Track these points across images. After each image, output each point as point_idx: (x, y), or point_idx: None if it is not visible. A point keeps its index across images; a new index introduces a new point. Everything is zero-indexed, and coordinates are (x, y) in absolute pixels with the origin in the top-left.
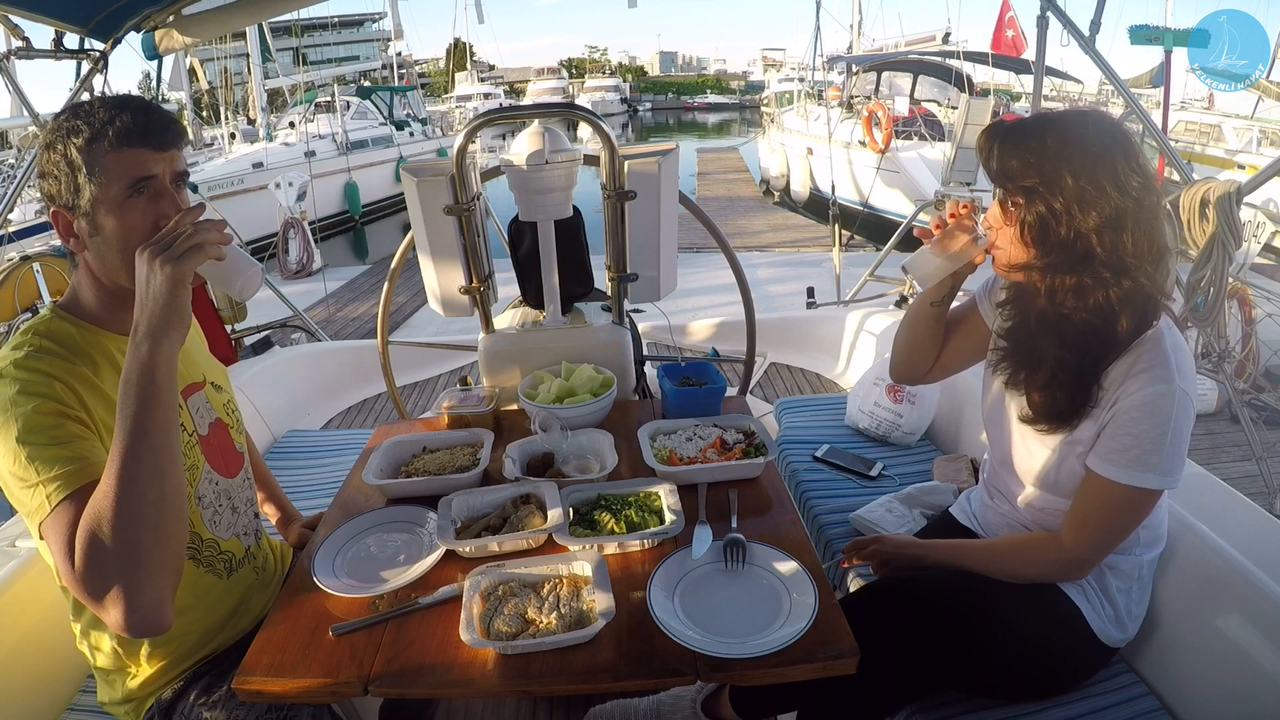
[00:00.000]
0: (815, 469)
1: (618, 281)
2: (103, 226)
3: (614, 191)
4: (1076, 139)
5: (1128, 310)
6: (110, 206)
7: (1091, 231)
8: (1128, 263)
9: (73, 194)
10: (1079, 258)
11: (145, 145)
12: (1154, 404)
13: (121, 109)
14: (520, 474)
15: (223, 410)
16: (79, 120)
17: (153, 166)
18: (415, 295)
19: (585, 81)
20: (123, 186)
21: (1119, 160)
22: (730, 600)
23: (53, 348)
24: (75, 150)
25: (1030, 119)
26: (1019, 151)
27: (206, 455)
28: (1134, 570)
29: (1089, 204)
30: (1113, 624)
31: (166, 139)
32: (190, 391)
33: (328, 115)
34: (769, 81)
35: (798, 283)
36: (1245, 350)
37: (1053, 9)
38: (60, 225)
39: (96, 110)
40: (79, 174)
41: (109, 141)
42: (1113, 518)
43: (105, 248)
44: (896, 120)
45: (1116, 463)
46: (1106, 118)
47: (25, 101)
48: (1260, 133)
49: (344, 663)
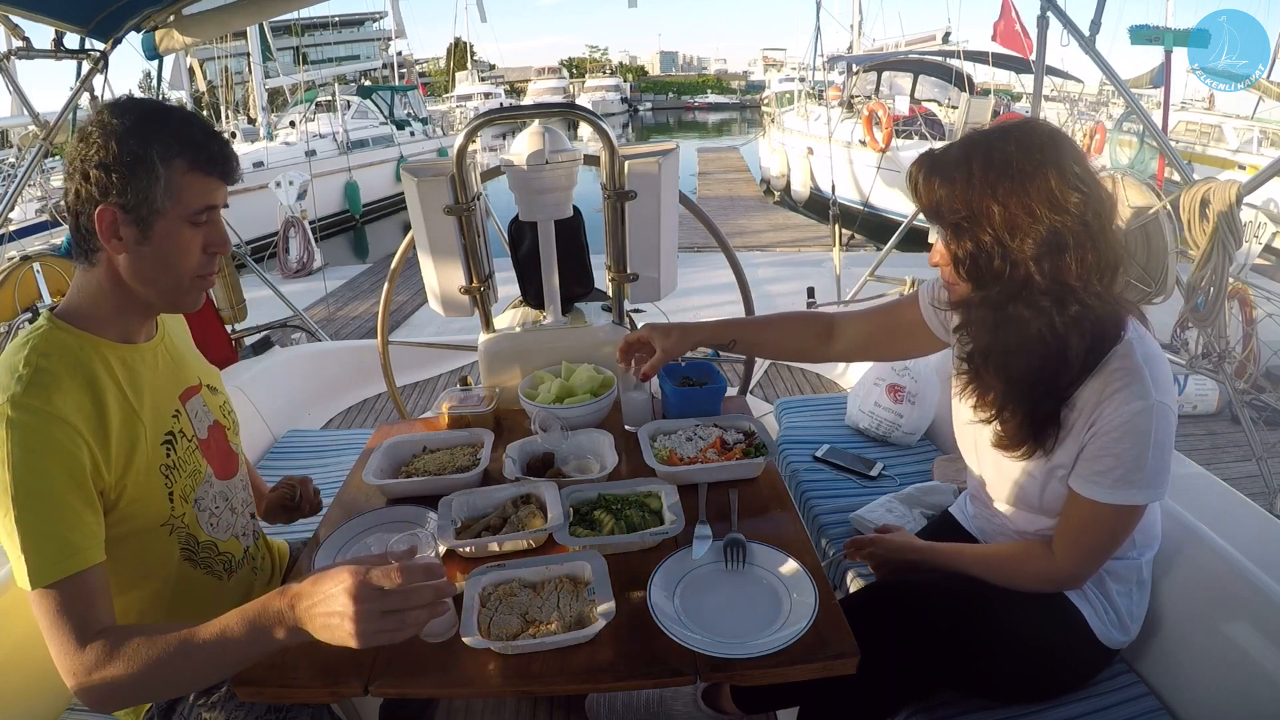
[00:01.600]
0: (815, 469)
1: (618, 281)
2: (156, 239)
3: (614, 191)
4: (1001, 162)
5: (1075, 335)
6: (173, 224)
7: (1028, 260)
8: (1072, 285)
9: (139, 197)
10: (1017, 288)
11: (222, 176)
12: (1132, 423)
13: (210, 135)
14: (520, 474)
15: (219, 412)
16: (166, 129)
17: (220, 197)
18: (415, 295)
19: (585, 81)
20: (193, 210)
21: (1052, 177)
22: (730, 600)
23: (52, 371)
24: (156, 158)
25: (956, 146)
26: (944, 185)
27: (209, 460)
28: (1132, 573)
29: (1021, 232)
30: (1115, 627)
31: (235, 173)
32: (188, 395)
33: (328, 114)
34: (769, 81)
35: (798, 283)
36: (1245, 350)
37: (1053, 9)
38: (105, 222)
39: (182, 126)
40: (155, 182)
41: (196, 162)
42: (1103, 535)
43: (149, 261)
44: (897, 120)
45: (1100, 484)
46: (1035, 129)
47: (25, 101)
48: (1260, 133)
49: (344, 662)
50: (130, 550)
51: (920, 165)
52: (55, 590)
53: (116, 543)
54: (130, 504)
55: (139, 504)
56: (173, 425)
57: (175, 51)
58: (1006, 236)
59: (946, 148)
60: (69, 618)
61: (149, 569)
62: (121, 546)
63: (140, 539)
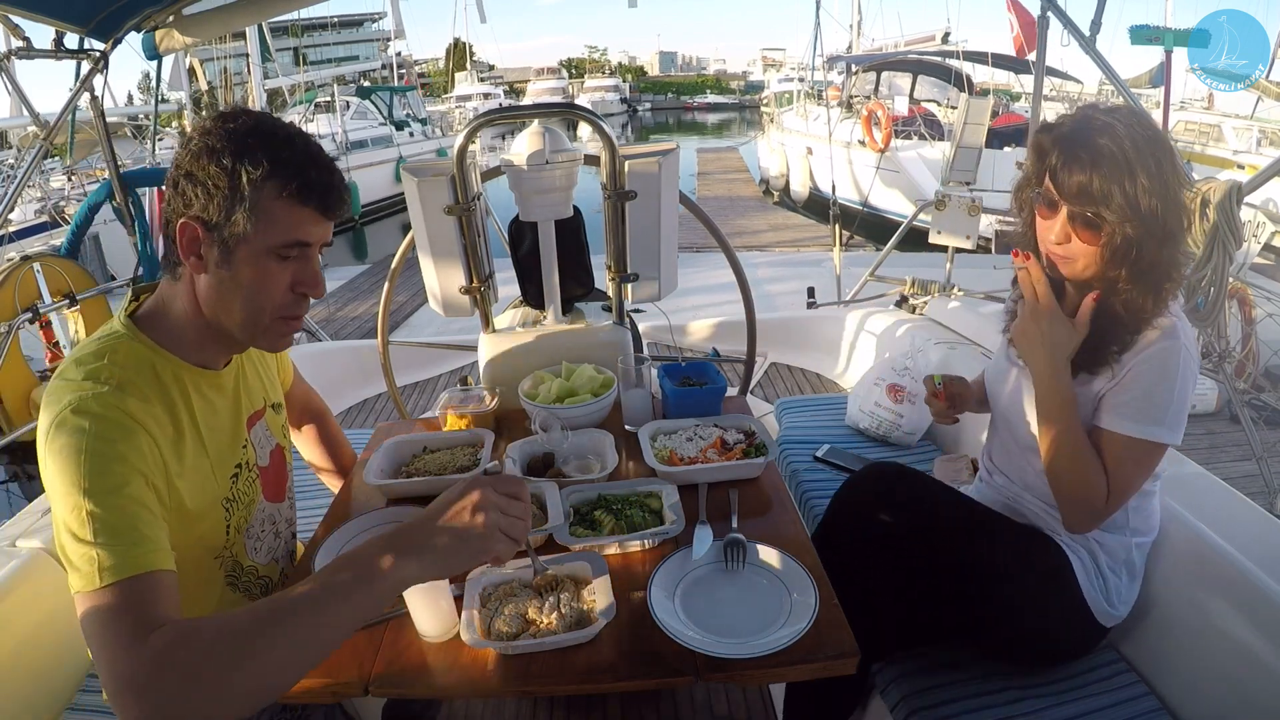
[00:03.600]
0: (816, 469)
1: (618, 281)
2: (238, 266)
3: (614, 191)
4: (1145, 148)
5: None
6: (257, 253)
7: (1170, 240)
8: (1182, 251)
9: (222, 217)
10: (1161, 266)
11: (321, 209)
12: (1162, 357)
13: (312, 161)
14: (521, 474)
15: (280, 433)
16: (262, 147)
17: (315, 233)
18: (415, 295)
19: (585, 81)
20: (281, 243)
21: (1173, 161)
22: (730, 600)
23: (134, 381)
24: (246, 177)
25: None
26: (1099, 171)
27: (264, 487)
28: (1123, 551)
29: (1169, 214)
30: (1103, 597)
31: (338, 208)
32: (254, 420)
33: (327, 115)
34: (769, 81)
35: (798, 283)
36: (1245, 350)
37: (1053, 9)
38: (186, 237)
39: (282, 146)
40: (240, 204)
41: (288, 189)
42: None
43: (228, 287)
44: (896, 120)
45: (1123, 414)
46: (1142, 116)
47: (25, 101)
48: (1260, 133)
49: (344, 663)
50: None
51: (1065, 150)
52: (121, 588)
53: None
54: (186, 531)
55: (195, 532)
56: (241, 456)
57: (175, 51)
58: (1157, 219)
59: (1080, 133)
60: (130, 614)
61: (192, 593)
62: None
63: (190, 565)
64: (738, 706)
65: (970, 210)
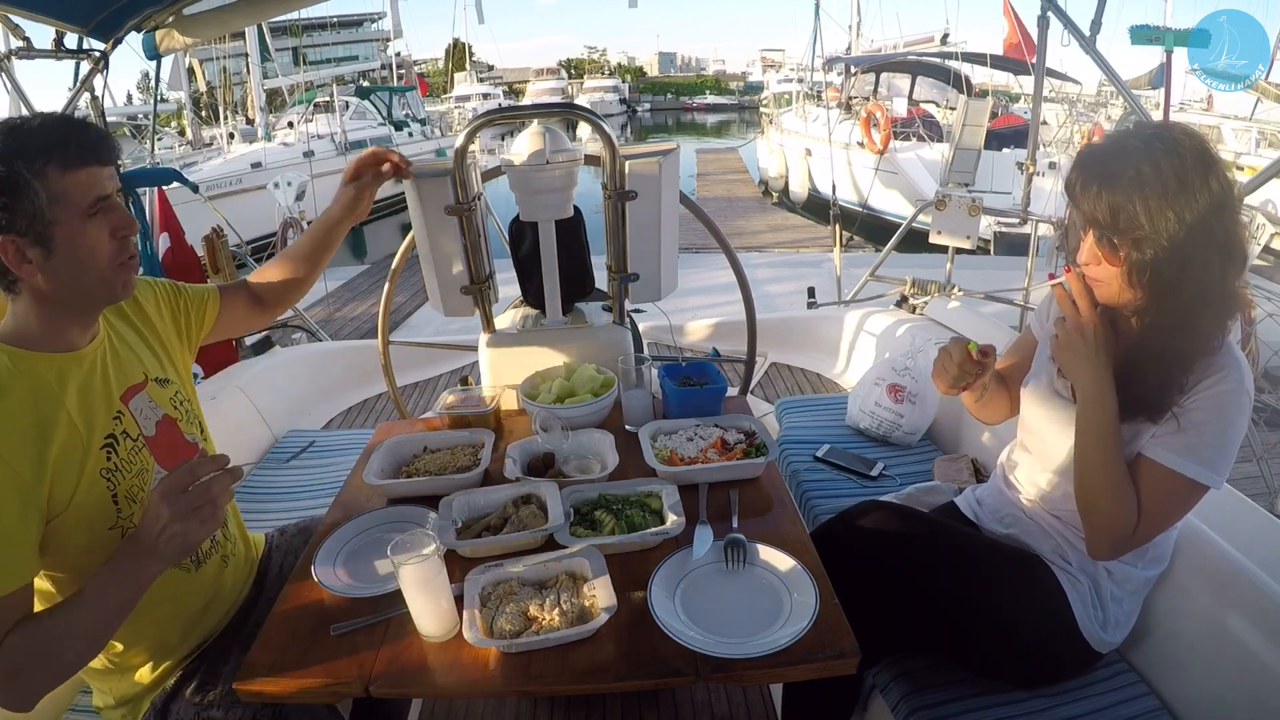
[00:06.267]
0: (816, 469)
1: (618, 281)
2: (62, 248)
3: (614, 191)
4: (1174, 172)
5: (1226, 328)
6: (72, 229)
7: (1199, 267)
8: (1230, 285)
9: (25, 219)
10: (1189, 294)
11: (99, 162)
12: (1223, 401)
13: (67, 128)
14: (521, 474)
15: (169, 404)
16: (22, 141)
17: (107, 184)
18: (415, 295)
19: (584, 82)
20: (84, 208)
21: (1214, 183)
22: (731, 600)
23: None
24: (30, 174)
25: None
26: (1118, 194)
27: (156, 456)
28: (1129, 582)
29: (1196, 241)
30: (1099, 625)
31: (111, 155)
32: (130, 394)
33: (326, 115)
34: (768, 82)
35: (798, 283)
36: (1245, 350)
37: (1053, 9)
38: (8, 254)
39: (39, 131)
40: (35, 199)
41: (65, 161)
42: (1159, 505)
43: (65, 269)
44: (895, 121)
45: (1171, 447)
46: (1191, 137)
47: (25, 101)
48: (1259, 134)
49: (344, 663)
50: (85, 557)
51: (1086, 174)
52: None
53: (72, 550)
54: (76, 511)
55: (84, 510)
56: (114, 427)
57: (175, 51)
58: (1182, 245)
59: (1106, 155)
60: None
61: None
62: (77, 554)
63: (92, 544)
64: (738, 706)
65: (970, 211)
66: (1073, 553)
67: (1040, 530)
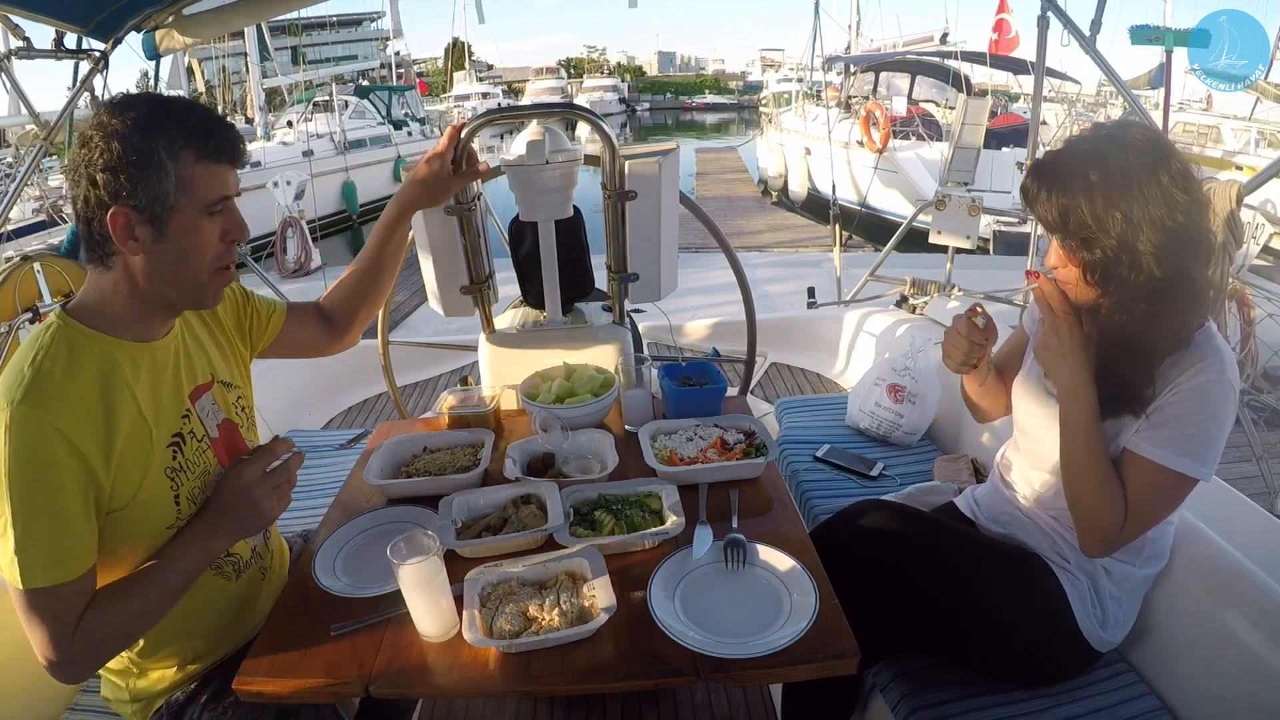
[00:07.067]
0: (816, 469)
1: (618, 281)
2: (173, 235)
3: (614, 191)
4: (1120, 173)
5: (1194, 319)
6: (190, 218)
7: (1154, 261)
8: (1193, 276)
9: (148, 196)
10: (1145, 289)
11: (231, 162)
12: (1204, 391)
13: (215, 121)
14: (521, 474)
15: (231, 409)
16: (167, 121)
17: (233, 184)
18: (415, 295)
19: (584, 81)
20: (208, 201)
21: (1164, 179)
22: (731, 600)
23: (56, 377)
24: (163, 152)
25: (1067, 157)
26: (1065, 199)
27: (219, 457)
28: (1128, 580)
29: (1145, 236)
30: (1099, 624)
31: (243, 156)
32: (199, 394)
33: (326, 114)
34: (767, 82)
35: (797, 283)
36: (1245, 350)
37: (1053, 9)
38: (118, 225)
39: (187, 115)
40: (165, 178)
41: (205, 152)
42: (1147, 500)
43: (168, 257)
44: (894, 120)
45: (1154, 442)
46: (1141, 134)
47: (25, 101)
48: (1259, 134)
49: (344, 663)
50: (139, 554)
51: (1037, 180)
52: (39, 594)
53: (125, 545)
54: (137, 507)
55: (144, 507)
56: (181, 426)
57: (175, 51)
58: (1132, 242)
59: (1056, 159)
60: (50, 619)
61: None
62: (130, 549)
63: (148, 542)
64: (738, 707)
65: (970, 210)
66: (1070, 552)
67: (1038, 529)
